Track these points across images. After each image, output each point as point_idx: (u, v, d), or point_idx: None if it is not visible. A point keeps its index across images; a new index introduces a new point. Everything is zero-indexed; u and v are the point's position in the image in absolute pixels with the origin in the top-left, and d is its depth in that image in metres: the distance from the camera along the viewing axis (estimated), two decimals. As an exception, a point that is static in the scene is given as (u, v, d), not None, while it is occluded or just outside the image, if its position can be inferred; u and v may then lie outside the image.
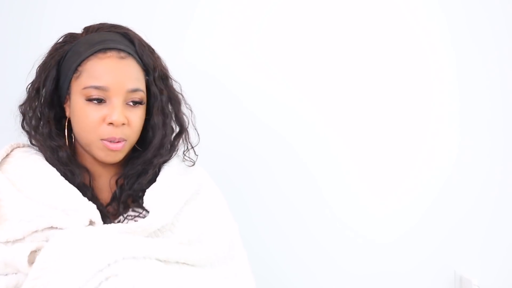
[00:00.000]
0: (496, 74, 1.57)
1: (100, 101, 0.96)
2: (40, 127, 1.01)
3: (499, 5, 1.57)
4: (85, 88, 0.96)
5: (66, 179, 0.98)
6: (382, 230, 1.56)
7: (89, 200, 0.97)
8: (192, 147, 1.12)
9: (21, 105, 1.04)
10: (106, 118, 0.96)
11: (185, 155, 1.12)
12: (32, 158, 1.00)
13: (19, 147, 1.05)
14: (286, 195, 1.55)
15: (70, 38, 1.04)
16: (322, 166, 1.56)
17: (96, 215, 0.92)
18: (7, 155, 1.02)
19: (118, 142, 0.97)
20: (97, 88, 0.95)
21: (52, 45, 1.05)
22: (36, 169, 0.98)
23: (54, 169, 0.98)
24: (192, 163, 1.12)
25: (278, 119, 1.55)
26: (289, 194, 1.55)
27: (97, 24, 1.05)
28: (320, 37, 1.56)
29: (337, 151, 1.56)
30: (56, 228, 0.89)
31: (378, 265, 1.56)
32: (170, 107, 1.07)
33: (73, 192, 0.94)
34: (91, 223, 0.92)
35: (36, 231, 0.89)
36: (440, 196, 1.57)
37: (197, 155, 1.13)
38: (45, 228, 0.89)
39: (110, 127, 0.96)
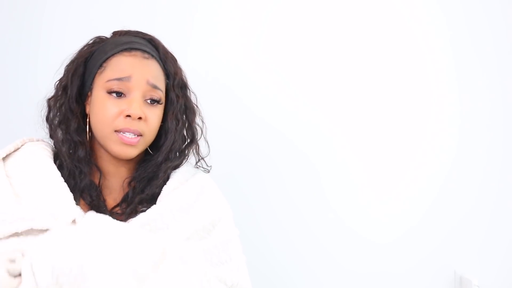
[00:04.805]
0: (496, 75, 1.58)
1: (120, 95, 0.98)
2: (64, 122, 1.03)
3: (499, 5, 1.57)
4: (108, 81, 0.99)
5: (72, 178, 0.99)
6: (383, 230, 1.57)
7: (94, 200, 0.99)
8: (202, 158, 1.13)
9: (49, 99, 1.06)
10: (124, 111, 0.98)
11: (197, 166, 1.14)
12: (38, 153, 1.01)
13: (31, 141, 1.05)
14: (290, 195, 1.56)
15: (98, 40, 1.07)
16: (324, 167, 1.56)
17: (79, 216, 0.93)
18: (16, 149, 1.03)
19: (133, 137, 0.98)
20: (119, 79, 0.98)
21: (81, 46, 1.07)
22: (36, 166, 0.98)
23: (55, 167, 0.98)
24: (207, 171, 1.14)
25: (283, 120, 1.56)
26: (293, 194, 1.56)
27: (124, 30, 1.08)
28: (325, 40, 1.57)
29: (339, 153, 1.57)
30: (37, 230, 0.90)
31: (379, 265, 1.56)
32: (184, 115, 1.09)
33: (64, 195, 0.95)
34: (74, 223, 0.92)
35: (16, 233, 0.90)
36: (440, 196, 1.57)
37: (211, 166, 1.15)
38: (25, 230, 0.90)
39: (127, 119, 0.98)
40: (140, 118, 0.98)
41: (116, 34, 1.08)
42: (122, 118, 0.97)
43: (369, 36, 1.57)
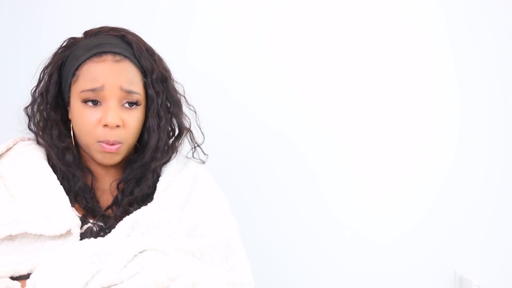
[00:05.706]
0: (496, 75, 1.58)
1: (95, 103, 0.98)
2: (48, 129, 1.03)
3: (499, 5, 1.57)
4: (82, 91, 0.98)
5: (66, 181, 1.00)
6: (383, 230, 1.57)
7: (88, 202, 0.99)
8: (198, 146, 1.13)
9: (26, 108, 1.06)
10: (101, 120, 0.97)
11: (193, 156, 1.13)
12: (32, 154, 1.01)
13: (23, 140, 1.06)
14: (288, 195, 1.55)
15: (71, 43, 1.05)
16: (323, 166, 1.56)
17: (75, 225, 0.92)
18: (8, 149, 1.03)
19: (113, 144, 0.98)
20: (92, 90, 0.97)
21: (54, 50, 1.06)
22: (31, 168, 0.99)
23: (50, 170, 0.99)
24: (202, 162, 1.13)
25: (282, 121, 1.55)
26: (291, 194, 1.55)
27: (96, 28, 1.06)
28: (323, 40, 1.57)
29: (338, 152, 1.57)
30: (32, 234, 0.90)
31: (379, 265, 1.56)
32: (167, 110, 1.06)
33: (60, 198, 0.95)
34: (69, 233, 0.91)
35: (10, 235, 0.90)
36: (440, 196, 1.57)
37: (207, 155, 1.14)
38: (19, 234, 0.90)
39: (106, 129, 0.97)
40: (118, 126, 0.97)
41: (87, 34, 1.05)
42: (101, 128, 0.97)
43: (369, 36, 1.57)
